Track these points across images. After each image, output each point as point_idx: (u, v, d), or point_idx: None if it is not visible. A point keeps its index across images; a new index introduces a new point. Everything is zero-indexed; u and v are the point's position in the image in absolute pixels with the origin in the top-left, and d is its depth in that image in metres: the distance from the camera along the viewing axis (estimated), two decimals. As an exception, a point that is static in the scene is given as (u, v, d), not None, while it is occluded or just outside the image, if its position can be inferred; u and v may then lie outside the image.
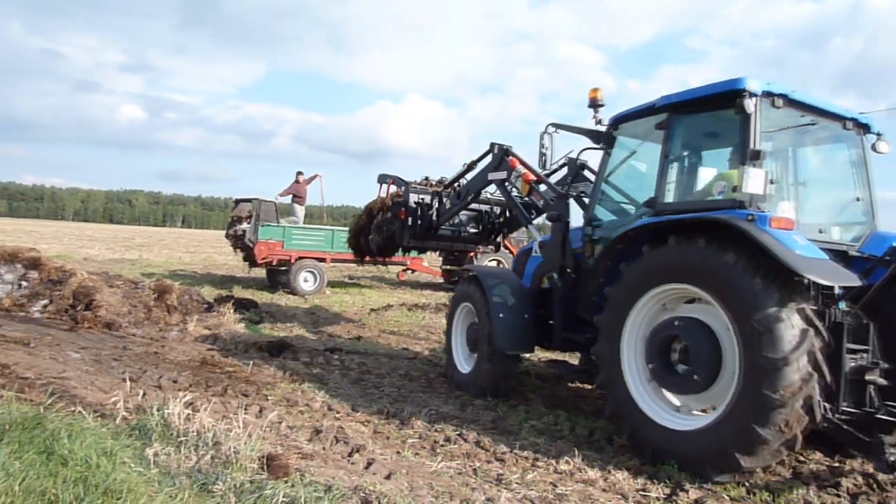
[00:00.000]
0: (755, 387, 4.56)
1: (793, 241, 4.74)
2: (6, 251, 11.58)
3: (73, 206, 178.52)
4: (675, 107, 5.91)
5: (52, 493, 3.16)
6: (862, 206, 6.05)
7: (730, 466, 4.70)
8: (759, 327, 4.58)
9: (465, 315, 7.83)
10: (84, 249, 31.61)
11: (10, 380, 5.85)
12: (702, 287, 5.03)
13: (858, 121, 6.07)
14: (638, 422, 5.35)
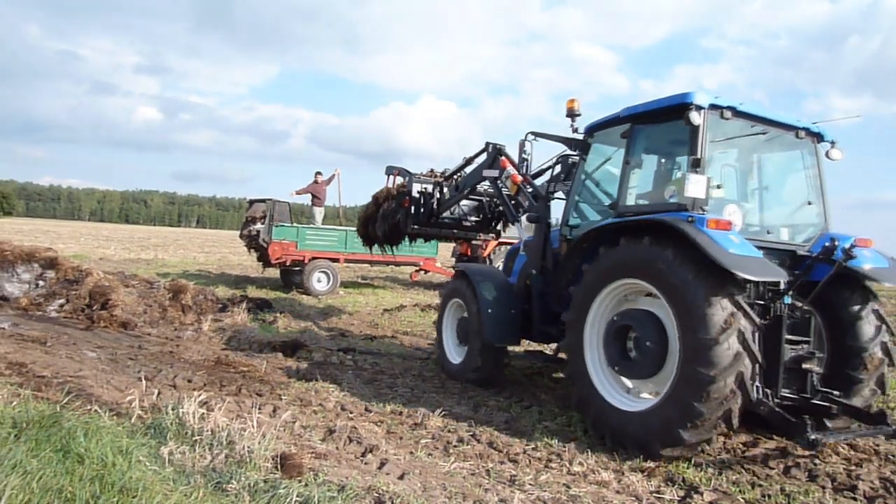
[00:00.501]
0: (692, 366, 5.03)
1: (727, 241, 5.17)
2: (24, 251, 11.72)
3: (90, 206, 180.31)
4: (636, 117, 6.45)
5: (69, 491, 3.19)
6: (815, 210, 6.52)
7: (674, 441, 5.13)
8: (693, 313, 5.09)
9: (456, 310, 8.37)
10: (100, 249, 31.91)
11: (28, 378, 5.92)
12: (649, 281, 5.55)
13: (811, 130, 6.50)
14: (599, 408, 5.80)
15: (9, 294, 11.03)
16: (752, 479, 4.95)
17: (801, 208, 6.66)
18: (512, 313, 7.61)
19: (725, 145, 6.51)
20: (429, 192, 10.14)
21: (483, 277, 7.93)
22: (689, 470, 5.06)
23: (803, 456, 5.51)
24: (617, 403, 5.72)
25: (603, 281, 5.98)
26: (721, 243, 5.12)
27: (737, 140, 6.44)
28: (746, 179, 6.81)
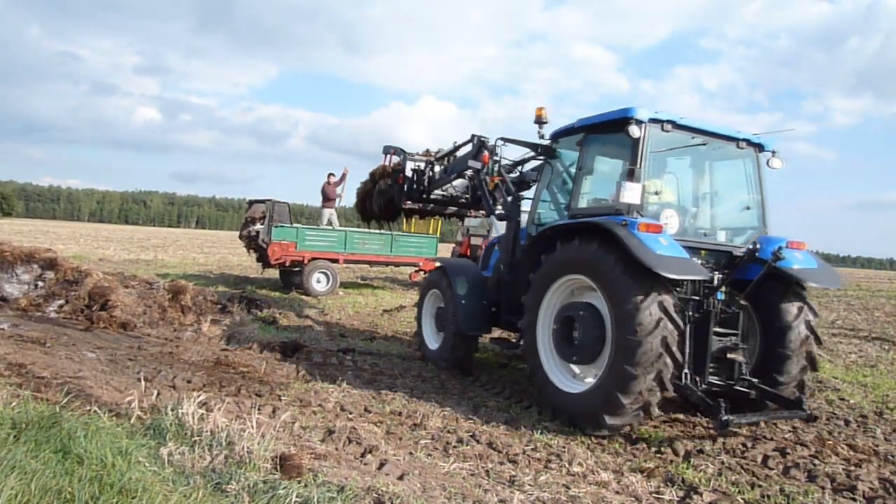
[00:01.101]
0: (619, 361, 5.67)
1: (655, 243, 5.71)
2: (23, 252, 11.71)
3: (90, 206, 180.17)
4: (588, 128, 7.11)
5: (68, 491, 3.19)
6: (755, 214, 7.09)
7: (598, 424, 5.82)
8: (624, 312, 5.67)
9: (434, 300, 9.10)
10: (100, 250, 31.90)
11: (27, 379, 5.91)
12: (590, 277, 6.20)
13: (751, 141, 7.08)
14: (544, 384, 6.57)
15: (8, 295, 11.03)
16: (751, 480, 4.95)
17: (741, 213, 7.22)
18: (484, 304, 8.31)
19: (670, 154, 7.12)
20: (422, 170, 10.68)
21: (458, 271, 8.65)
22: (688, 470, 5.07)
23: (803, 457, 5.52)
24: (557, 383, 6.45)
25: (555, 275, 6.62)
26: (649, 245, 5.67)
27: (682, 150, 7.01)
28: (690, 186, 7.43)
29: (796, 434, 6.25)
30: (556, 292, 6.70)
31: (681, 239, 6.26)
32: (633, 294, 5.64)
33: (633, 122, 6.33)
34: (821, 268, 6.63)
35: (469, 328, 8.27)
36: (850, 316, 19.25)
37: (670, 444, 5.69)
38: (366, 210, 12.21)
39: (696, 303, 6.29)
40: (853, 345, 12.86)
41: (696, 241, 6.66)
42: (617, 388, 5.62)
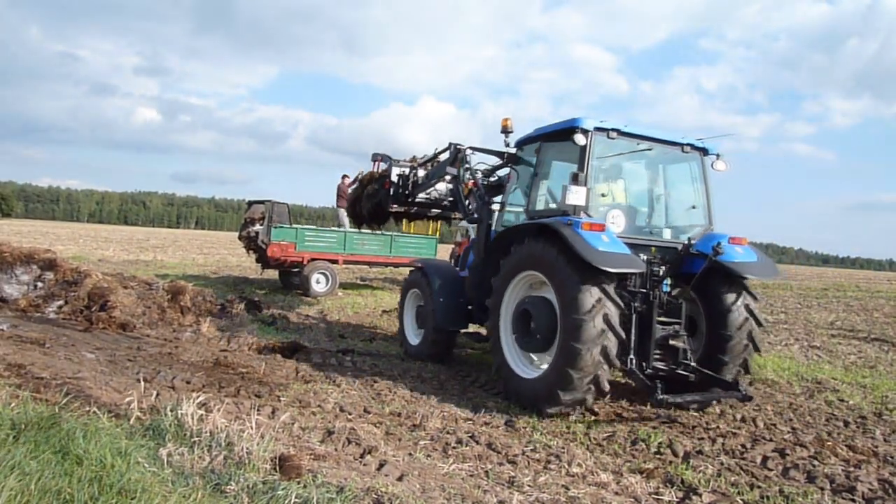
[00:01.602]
0: (567, 341, 6.27)
1: (597, 240, 6.33)
2: (22, 252, 11.70)
3: (89, 207, 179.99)
4: (543, 137, 7.79)
5: (68, 492, 3.18)
6: (701, 212, 7.69)
7: (554, 401, 6.40)
8: (569, 298, 6.33)
9: (414, 299, 9.73)
10: (99, 251, 31.90)
11: (27, 380, 5.91)
12: (542, 272, 6.84)
13: (695, 145, 7.69)
14: (508, 374, 7.18)
15: (8, 295, 11.03)
16: (750, 481, 4.95)
17: (687, 211, 7.81)
18: (460, 302, 8.89)
19: (622, 159, 7.78)
20: (406, 175, 11.21)
21: (437, 271, 9.33)
22: (687, 471, 5.07)
23: (802, 458, 5.53)
24: (519, 371, 7.10)
25: (513, 272, 7.28)
26: (590, 242, 6.29)
27: (634, 154, 7.69)
28: (639, 188, 8.15)
29: (795, 435, 6.26)
30: (516, 287, 7.35)
31: (626, 236, 6.98)
32: (577, 283, 6.31)
33: (580, 131, 6.98)
34: (760, 261, 7.16)
35: (447, 324, 8.91)
36: (850, 317, 19.26)
37: (669, 445, 5.69)
38: (356, 214, 12.86)
39: (642, 294, 6.88)
40: (852, 346, 12.87)
41: (642, 238, 7.35)
42: (568, 366, 6.24)
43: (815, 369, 9.83)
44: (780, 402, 7.62)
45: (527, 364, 7.17)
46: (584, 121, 7.06)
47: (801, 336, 14.13)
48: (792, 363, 10.25)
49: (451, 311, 8.88)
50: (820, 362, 10.70)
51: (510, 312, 7.32)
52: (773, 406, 7.42)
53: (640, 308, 6.83)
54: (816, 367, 10.04)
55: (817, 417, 7.00)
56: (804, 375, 9.22)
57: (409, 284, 9.91)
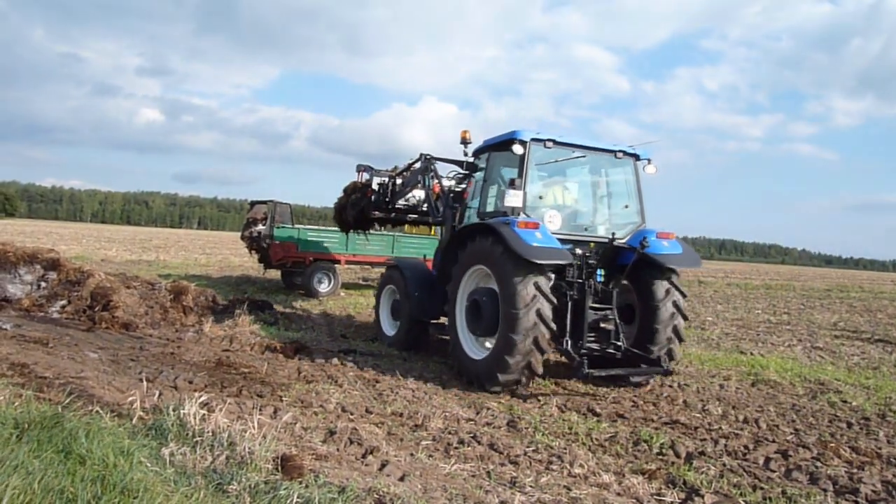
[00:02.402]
0: (505, 331, 7.24)
1: (531, 237, 7.17)
2: (26, 252, 11.72)
3: (92, 207, 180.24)
4: (491, 147, 8.86)
5: (71, 491, 3.19)
6: (634, 211, 8.65)
7: (494, 380, 7.38)
8: (509, 292, 7.23)
9: (390, 294, 10.60)
10: (102, 250, 31.96)
11: (30, 379, 5.92)
12: (487, 266, 7.77)
13: (627, 152, 8.62)
14: (461, 355, 8.13)
15: (11, 295, 11.05)
16: (753, 482, 4.94)
17: (622, 210, 8.73)
18: (431, 295, 9.50)
19: (560, 165, 8.83)
20: (386, 184, 12.30)
21: (410, 269, 10.19)
22: (690, 472, 5.06)
23: (805, 459, 5.51)
24: (470, 352, 8.05)
25: (465, 266, 8.21)
26: (524, 238, 7.15)
27: (575, 160, 8.73)
28: (577, 190, 9.20)
29: (798, 436, 6.24)
30: (469, 280, 8.27)
31: (562, 233, 8.00)
32: (515, 277, 7.18)
33: (518, 142, 7.96)
34: (684, 253, 8.01)
35: (419, 315, 9.72)
36: (853, 318, 19.23)
37: (672, 446, 5.68)
38: (342, 220, 13.87)
39: (578, 284, 7.80)
40: (856, 347, 12.85)
41: (577, 234, 8.30)
42: (505, 352, 7.19)
43: (819, 370, 9.81)
44: (783, 404, 7.61)
45: (477, 347, 8.14)
46: (523, 133, 8.08)
47: (804, 337, 14.11)
48: (795, 364, 10.23)
49: (424, 303, 9.62)
50: (823, 363, 10.68)
51: (464, 302, 8.26)
52: (775, 407, 7.41)
53: (575, 296, 7.75)
54: (819, 369, 10.02)
55: (820, 419, 6.99)
56: (807, 376, 9.20)
57: (385, 281, 10.77)
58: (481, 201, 8.84)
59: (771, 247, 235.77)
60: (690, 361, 10.08)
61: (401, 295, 10.07)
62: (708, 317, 17.39)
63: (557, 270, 7.62)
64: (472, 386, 7.67)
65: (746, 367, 9.71)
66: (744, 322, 16.66)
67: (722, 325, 15.72)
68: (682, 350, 10.98)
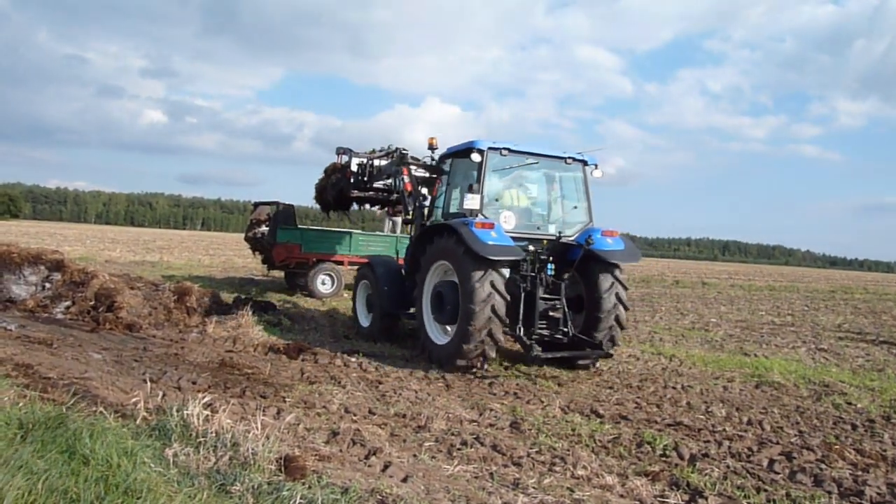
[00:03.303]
0: (463, 322, 8.17)
1: (486, 235, 8.09)
2: (30, 253, 11.76)
3: (96, 208, 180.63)
4: (453, 154, 9.87)
5: (74, 491, 3.20)
6: (583, 211, 9.68)
7: (452, 364, 8.39)
8: (467, 288, 8.15)
9: (364, 289, 11.43)
10: (106, 251, 32.01)
11: (34, 380, 5.94)
12: (449, 262, 8.70)
13: (576, 158, 9.61)
14: (426, 340, 9.16)
15: (16, 296, 11.08)
16: (757, 484, 4.93)
17: (572, 211, 9.77)
18: (400, 290, 10.36)
19: (515, 170, 9.69)
20: (364, 164, 12.93)
21: (382, 265, 11.08)
22: (693, 474, 5.05)
23: (809, 461, 5.50)
24: (435, 339, 9.01)
25: (430, 261, 9.11)
26: (480, 237, 8.06)
27: (529, 165, 9.55)
28: (531, 192, 10.03)
29: (803, 438, 6.23)
30: (433, 274, 9.17)
31: (516, 232, 8.91)
32: (472, 272, 8.09)
33: (476, 151, 8.92)
34: (626, 249, 8.95)
35: (390, 308, 10.53)
36: (857, 319, 19.18)
37: (675, 448, 5.67)
38: (323, 201, 14.85)
39: (530, 277, 8.71)
40: (860, 348, 12.81)
41: (529, 233, 9.24)
42: (462, 341, 8.16)
43: (823, 372, 9.79)
44: (787, 405, 7.59)
45: (441, 332, 9.10)
46: (480, 142, 9.03)
47: (808, 338, 14.07)
48: (799, 366, 10.20)
49: (394, 297, 10.45)
50: (827, 365, 10.65)
51: (429, 294, 9.18)
52: (779, 409, 7.39)
53: (528, 287, 8.64)
54: (824, 370, 10.00)
55: (825, 421, 6.97)
56: (811, 378, 9.18)
57: (360, 277, 11.69)
58: (445, 202, 9.93)
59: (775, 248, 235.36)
60: (694, 363, 10.06)
61: (373, 289, 10.89)
62: (711, 318, 17.35)
63: (513, 265, 8.59)
64: (435, 366, 8.62)
65: (750, 369, 9.69)
66: (747, 324, 16.62)
67: (725, 326, 15.68)
68: (685, 352, 10.99)
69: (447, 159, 10.14)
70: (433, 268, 9.12)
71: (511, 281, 8.53)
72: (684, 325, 15.36)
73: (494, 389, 7.74)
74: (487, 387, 7.86)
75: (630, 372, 9.19)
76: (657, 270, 51.68)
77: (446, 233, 8.71)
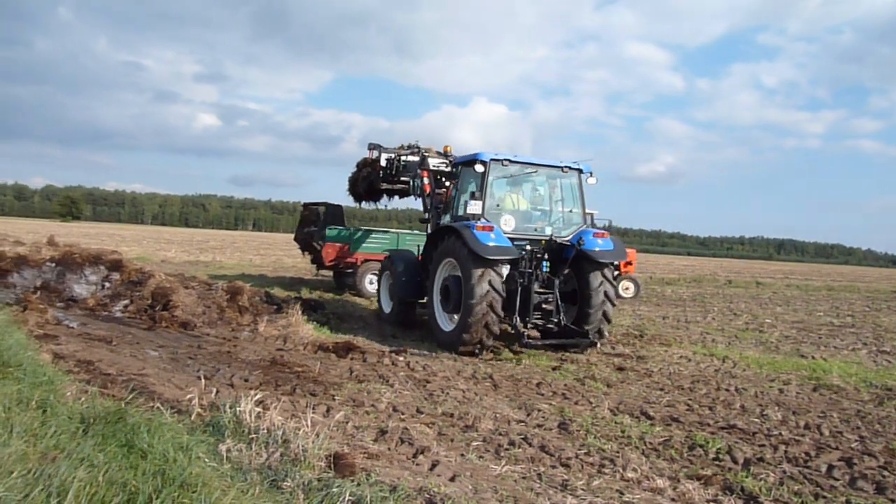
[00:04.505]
0: (464, 315, 9.52)
1: (486, 237, 9.36)
2: (90, 253, 12.18)
3: (152, 210, 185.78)
4: (462, 164, 11.08)
5: (133, 484, 3.29)
6: (578, 215, 10.98)
7: (455, 349, 9.64)
8: (468, 285, 9.42)
9: (386, 279, 12.75)
10: (161, 252, 32.97)
11: (95, 376, 6.15)
12: (455, 259, 9.89)
13: (571, 167, 10.86)
14: (435, 326, 10.54)
15: (77, 295, 11.49)
16: (815, 490, 4.77)
17: (568, 214, 11.00)
18: (417, 280, 11.57)
19: (517, 178, 10.94)
20: (392, 159, 14.07)
21: (401, 258, 12.33)
22: (748, 479, 4.92)
23: (871, 467, 5.30)
24: (443, 326, 10.37)
25: (440, 258, 10.43)
26: (480, 238, 9.31)
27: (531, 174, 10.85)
28: (530, 198, 11.33)
29: (864, 444, 6.00)
30: (442, 269, 10.48)
31: (515, 234, 10.19)
32: (472, 270, 9.31)
33: (479, 162, 10.15)
34: (614, 249, 10.14)
35: (407, 296, 11.85)
36: (922, 321, 18.36)
37: (729, 452, 5.53)
38: (355, 193, 16.26)
39: (528, 273, 9.85)
40: (925, 351, 12.26)
41: (528, 234, 10.46)
42: (462, 331, 9.49)
43: (885, 375, 9.41)
44: (847, 410, 7.32)
45: (447, 320, 10.35)
46: (484, 154, 10.27)
47: (869, 340, 13.57)
48: (860, 369, 9.84)
49: (410, 287, 11.70)
50: (890, 368, 10.24)
51: (438, 286, 10.49)
52: (839, 413, 7.13)
53: (525, 283, 9.79)
54: (886, 373, 9.61)
55: (887, 426, 6.70)
56: (873, 382, 8.84)
57: (382, 269, 13.01)
58: (455, 206, 11.17)
59: (833, 247, 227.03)
60: (748, 365, 9.80)
61: (393, 280, 12.19)
62: (766, 319, 16.87)
63: (512, 262, 9.87)
64: (442, 349, 9.92)
65: (807, 372, 9.38)
66: (804, 325, 16.11)
67: (781, 327, 15.23)
68: (739, 353, 10.72)
69: (458, 167, 11.31)
70: (442, 263, 10.35)
71: (510, 276, 9.87)
72: (738, 326, 14.98)
73: (542, 390, 7.68)
74: (535, 387, 7.80)
75: (681, 373, 9.00)
76: (709, 270, 50.51)
77: (453, 234, 9.91)
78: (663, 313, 17.00)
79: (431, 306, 10.61)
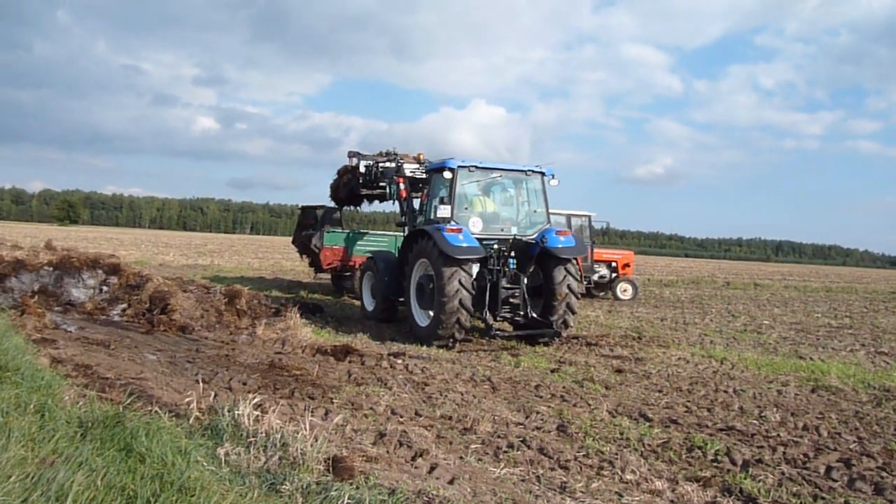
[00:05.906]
0: (437, 312, 10.27)
1: (454, 238, 10.12)
2: (89, 257, 12.18)
3: (150, 214, 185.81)
4: (433, 170, 11.85)
5: (131, 488, 3.29)
6: (541, 215, 11.73)
7: (435, 337, 10.31)
8: (440, 284, 10.16)
9: (368, 279, 13.52)
10: (160, 255, 32.96)
11: (93, 380, 6.15)
12: (427, 259, 10.61)
13: (534, 170, 11.70)
14: (412, 321, 11.29)
15: (75, 299, 11.49)
16: (814, 492, 4.78)
17: (532, 215, 11.79)
18: (397, 279, 12.16)
19: (484, 182, 11.96)
20: (371, 166, 14.84)
21: (382, 259, 12.98)
22: (746, 480, 4.92)
23: (869, 468, 5.30)
24: (419, 321, 11.12)
25: (415, 259, 11.16)
26: (449, 240, 10.06)
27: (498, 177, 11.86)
28: (496, 200, 12.24)
29: (862, 445, 6.01)
30: (417, 269, 11.22)
31: (483, 234, 10.98)
32: (443, 269, 10.07)
33: (447, 169, 11.00)
34: (575, 246, 11.09)
35: (388, 294, 12.51)
36: (920, 322, 18.39)
37: (727, 453, 5.54)
38: (337, 198, 17.03)
39: (496, 270, 10.72)
40: (923, 352, 12.28)
41: (495, 234, 11.26)
42: (436, 326, 10.27)
43: (883, 376, 9.42)
44: (846, 411, 7.33)
45: (423, 316, 11.05)
46: (452, 161, 11.06)
47: (867, 341, 13.59)
48: (858, 370, 9.84)
49: (391, 285, 12.33)
50: (888, 369, 10.25)
51: (414, 284, 11.26)
52: (837, 414, 7.14)
53: (493, 279, 10.70)
54: (884, 374, 9.62)
55: (885, 427, 6.71)
56: (871, 383, 8.85)
57: (364, 269, 13.81)
58: (427, 210, 11.93)
59: (831, 248, 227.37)
60: (746, 366, 9.81)
61: (375, 279, 12.92)
62: (764, 320, 16.89)
63: (481, 260, 10.61)
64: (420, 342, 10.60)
65: (806, 373, 9.39)
66: (802, 326, 16.13)
67: (779, 328, 15.25)
68: (737, 355, 10.72)
69: (429, 173, 12.12)
70: (417, 264, 11.12)
71: (480, 274, 10.72)
72: (736, 328, 15.00)
73: (541, 392, 7.68)
74: (534, 389, 7.80)
75: (680, 375, 9.01)
76: (707, 271, 50.57)
77: (425, 236, 10.66)
78: (661, 315, 17.02)
79: (408, 303, 11.38)
